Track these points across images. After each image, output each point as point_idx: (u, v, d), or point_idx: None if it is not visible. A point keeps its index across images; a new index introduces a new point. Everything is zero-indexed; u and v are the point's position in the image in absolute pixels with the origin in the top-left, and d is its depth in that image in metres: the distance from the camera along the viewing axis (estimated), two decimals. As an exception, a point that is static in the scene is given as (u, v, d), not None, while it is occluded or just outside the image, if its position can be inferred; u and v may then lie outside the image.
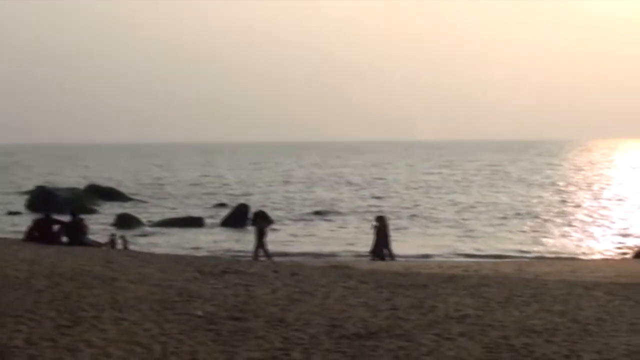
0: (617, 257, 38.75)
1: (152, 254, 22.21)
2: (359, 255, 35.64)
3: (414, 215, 59.35)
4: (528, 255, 39.51)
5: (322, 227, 53.39)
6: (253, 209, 52.65)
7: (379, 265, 27.37)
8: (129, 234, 41.61)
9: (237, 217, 52.37)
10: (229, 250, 40.52)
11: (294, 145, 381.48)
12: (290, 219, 57.74)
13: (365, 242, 35.26)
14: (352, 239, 45.41)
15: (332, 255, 38.96)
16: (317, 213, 61.61)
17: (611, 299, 15.13)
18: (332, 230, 51.58)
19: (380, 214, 37.04)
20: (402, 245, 42.36)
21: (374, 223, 33.62)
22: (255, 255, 31.81)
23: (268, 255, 31.74)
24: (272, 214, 56.42)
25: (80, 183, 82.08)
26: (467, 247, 43.25)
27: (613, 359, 10.71)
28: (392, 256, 32.28)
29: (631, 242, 44.47)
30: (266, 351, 10.76)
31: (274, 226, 52.35)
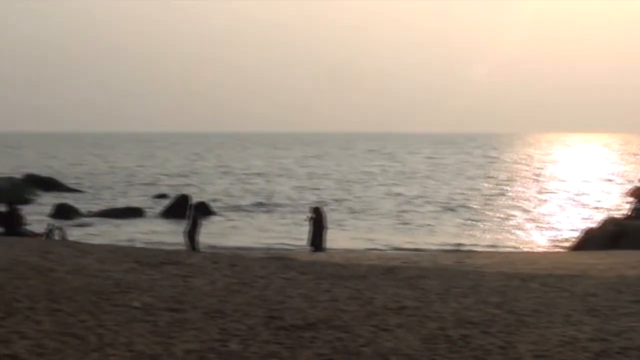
0: (554, 250, 39.23)
1: (90, 245, 22.02)
2: (298, 246, 35.68)
3: (353, 207, 59.54)
4: (467, 247, 39.84)
5: (262, 219, 53.38)
6: (194, 200, 52.51)
7: (319, 256, 27.42)
8: (67, 224, 41.21)
9: (178, 208, 52.13)
10: (168, 242, 40.32)
11: (239, 136, 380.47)
12: (231, 210, 57.62)
13: (305, 233, 35.27)
14: (292, 230, 45.46)
15: (272, 246, 38.96)
16: (258, 204, 61.60)
17: (547, 291, 15.31)
18: (272, 222, 51.59)
19: (316, 205, 37.05)
20: (341, 237, 42.53)
21: (310, 214, 33.71)
22: (193, 245, 31.69)
23: (192, 246, 31.56)
24: (213, 205, 56.27)
25: (17, 172, 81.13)
26: (407, 239, 43.50)
27: (547, 349, 10.84)
28: (324, 248, 32.39)
29: (568, 234, 45.06)
30: (203, 342, 10.71)
31: (214, 217, 52.21)
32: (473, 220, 52.26)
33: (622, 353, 10.71)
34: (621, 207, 52.89)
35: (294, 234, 43.25)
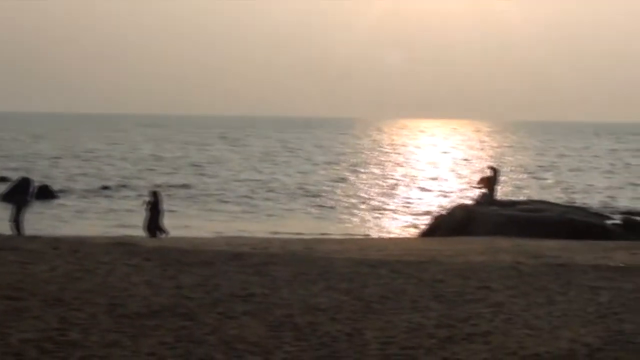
0: (404, 236, 39.94)
1: None
2: (139, 232, 35.22)
3: (201, 192, 59.29)
4: (318, 233, 40.15)
5: (107, 203, 52.66)
6: (35, 183, 51.27)
7: (166, 242, 27.19)
8: None
9: (18, 192, 50.81)
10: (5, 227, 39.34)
11: (85, 117, 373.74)
12: (74, 194, 56.65)
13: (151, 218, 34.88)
14: (134, 214, 44.92)
15: (115, 231, 38.49)
16: (104, 188, 60.74)
17: (395, 277, 15.58)
18: (115, 206, 50.95)
19: (153, 189, 36.45)
20: (189, 223, 42.34)
21: (147, 198, 33.33)
22: (18, 229, 31.00)
23: (19, 231, 30.87)
24: (55, 188, 55.25)
25: None
26: (256, 225, 43.58)
27: (394, 336, 11.03)
28: (165, 233, 32.11)
29: (418, 220, 45.94)
30: (42, 331, 10.51)
31: (58, 201, 51.24)
32: (323, 206, 52.72)
33: (467, 339, 10.99)
34: (470, 193, 54.29)
35: (136, 219, 42.77)
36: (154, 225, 32.24)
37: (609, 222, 39.01)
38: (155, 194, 33.27)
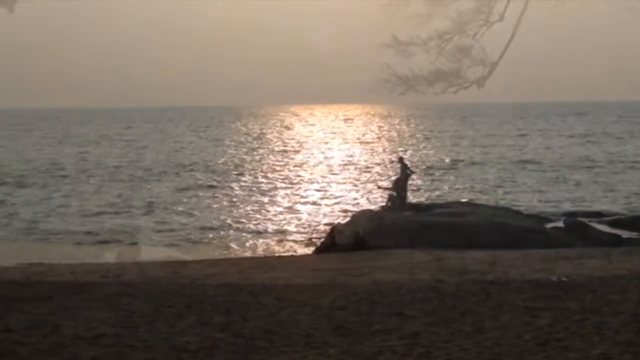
0: (294, 253, 40.04)
1: None
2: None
3: (28, 210, 58.42)
4: (183, 254, 39.98)
5: None
6: None
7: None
8: None
9: None
10: None
11: None
12: None
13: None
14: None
15: None
16: None
17: (284, 306, 15.65)
18: None
19: None
20: (15, 249, 41.80)
21: None
22: None
23: None
24: None
25: None
26: (101, 248, 43.08)
27: (284, 381, 11.10)
28: None
29: (311, 233, 46.08)
30: None
31: None
32: (193, 220, 52.50)
33: (376, 380, 11.11)
34: (376, 196, 54.68)
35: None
36: None
37: (549, 225, 39.73)
38: None
